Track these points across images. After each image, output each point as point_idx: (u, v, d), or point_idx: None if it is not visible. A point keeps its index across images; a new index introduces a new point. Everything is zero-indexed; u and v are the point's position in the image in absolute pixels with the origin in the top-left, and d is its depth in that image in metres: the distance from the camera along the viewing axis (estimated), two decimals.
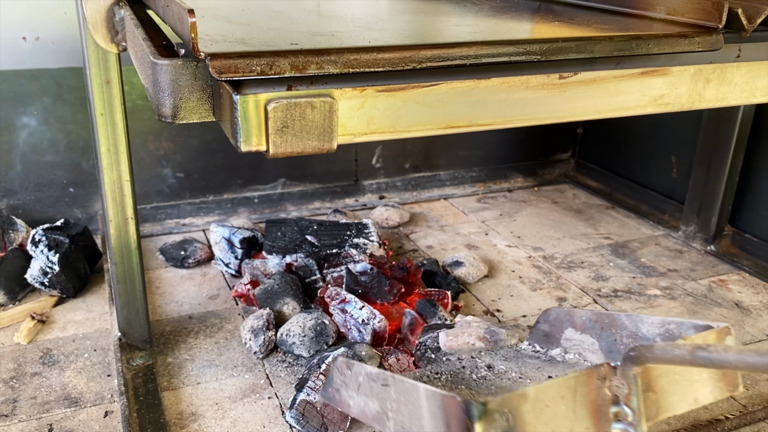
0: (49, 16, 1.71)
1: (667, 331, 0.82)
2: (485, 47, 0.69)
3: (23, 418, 1.13)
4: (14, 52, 1.71)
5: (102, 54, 1.04)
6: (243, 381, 1.23)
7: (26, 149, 1.68)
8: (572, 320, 0.94)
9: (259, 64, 0.63)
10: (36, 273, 1.42)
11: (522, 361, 0.94)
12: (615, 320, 0.88)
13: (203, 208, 1.90)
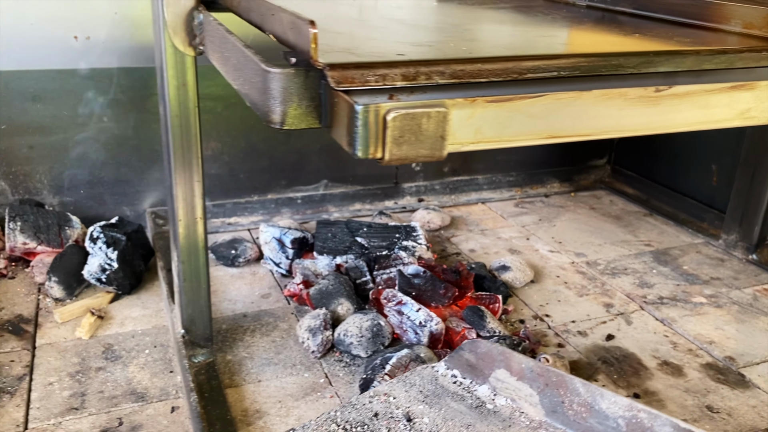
0: (100, 16, 1.74)
1: (635, 418, 0.75)
2: (584, 59, 0.71)
3: (93, 411, 1.15)
4: (66, 51, 1.74)
5: (179, 57, 1.07)
6: (303, 380, 1.26)
7: (78, 148, 1.71)
8: (508, 363, 0.88)
9: (374, 74, 0.65)
10: (94, 269, 1.45)
11: (446, 407, 0.86)
12: (565, 382, 0.82)
13: (248, 207, 1.92)
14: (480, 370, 0.90)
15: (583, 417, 0.78)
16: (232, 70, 0.85)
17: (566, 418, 0.79)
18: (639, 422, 0.73)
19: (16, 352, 1.30)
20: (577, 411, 0.80)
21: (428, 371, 0.93)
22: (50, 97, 1.65)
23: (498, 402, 0.86)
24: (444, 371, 0.93)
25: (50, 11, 1.69)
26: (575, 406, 0.80)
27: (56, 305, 1.45)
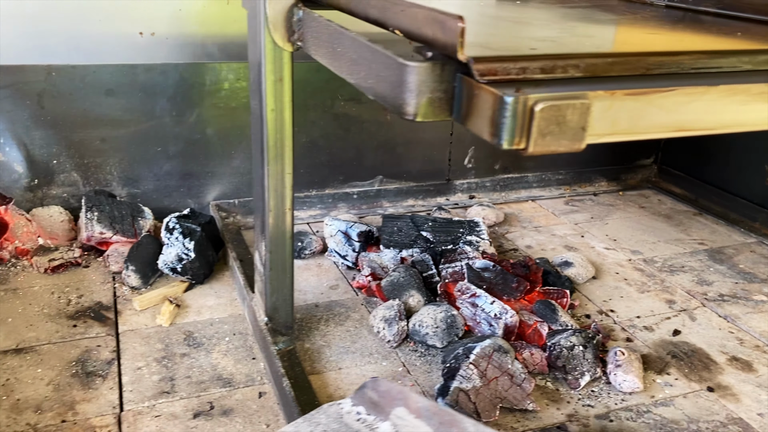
0: (165, 12, 1.78)
1: None
2: (705, 55, 0.73)
3: (183, 395, 1.19)
4: (131, 46, 1.78)
5: (278, 53, 1.10)
6: (382, 368, 1.29)
7: (147, 141, 1.75)
8: (406, 402, 0.89)
9: (514, 67, 0.68)
10: (171, 259, 1.49)
11: None
12: (456, 421, 0.83)
13: (306, 201, 1.95)
14: (382, 407, 0.91)
15: None
16: (348, 64, 0.88)
17: None
18: None
19: (102, 337, 1.34)
20: None
21: (334, 409, 0.94)
22: (122, 91, 1.69)
23: None
24: (349, 408, 0.94)
25: (117, 7, 1.73)
26: None
27: (133, 293, 1.49)
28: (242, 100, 1.80)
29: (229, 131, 1.81)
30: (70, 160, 1.68)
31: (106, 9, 1.69)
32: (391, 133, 1.99)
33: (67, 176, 1.69)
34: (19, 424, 1.10)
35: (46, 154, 1.66)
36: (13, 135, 1.61)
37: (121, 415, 1.13)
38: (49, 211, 1.65)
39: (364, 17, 0.90)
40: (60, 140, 1.66)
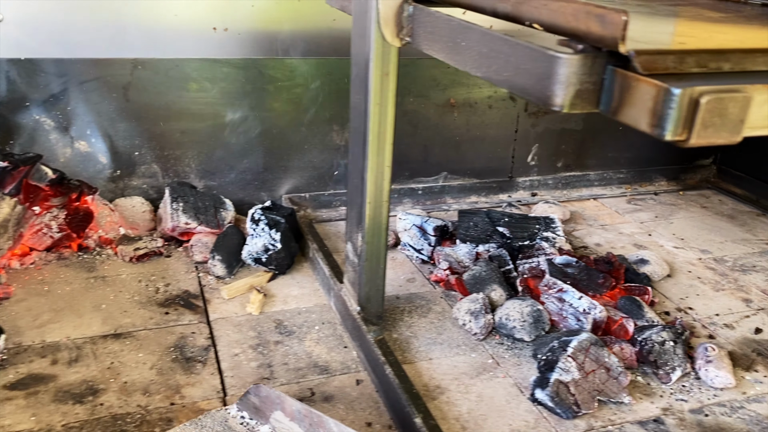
0: (237, 8, 1.82)
1: None
2: None
3: (283, 381, 1.22)
4: (205, 41, 1.81)
5: (386, 48, 1.12)
6: (471, 360, 1.30)
7: (224, 135, 1.78)
8: (283, 405, 1.00)
9: (672, 61, 0.69)
10: (257, 249, 1.52)
11: None
12: (323, 422, 0.94)
13: None
14: (263, 411, 1.02)
15: None
16: (475, 58, 0.90)
17: None
18: None
19: (195, 324, 1.37)
20: None
21: (221, 413, 1.05)
22: (202, 85, 1.72)
23: None
24: (234, 413, 1.05)
25: (192, 2, 1.76)
26: None
27: (218, 282, 1.52)
28: (314, 95, 1.83)
29: (302, 126, 1.84)
30: (151, 152, 1.72)
31: (182, 5, 1.72)
32: (457, 130, 2.01)
33: (147, 168, 1.73)
34: (130, 405, 1.13)
35: (129, 146, 1.70)
36: (99, 127, 1.66)
37: (226, 399, 1.16)
38: (131, 202, 1.69)
39: (491, 12, 0.92)
40: (142, 132, 1.70)
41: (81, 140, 1.65)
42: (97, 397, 1.14)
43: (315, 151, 1.88)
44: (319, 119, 1.86)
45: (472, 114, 2.01)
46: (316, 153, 1.89)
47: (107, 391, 1.16)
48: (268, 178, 1.86)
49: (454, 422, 1.14)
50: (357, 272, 1.30)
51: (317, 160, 1.89)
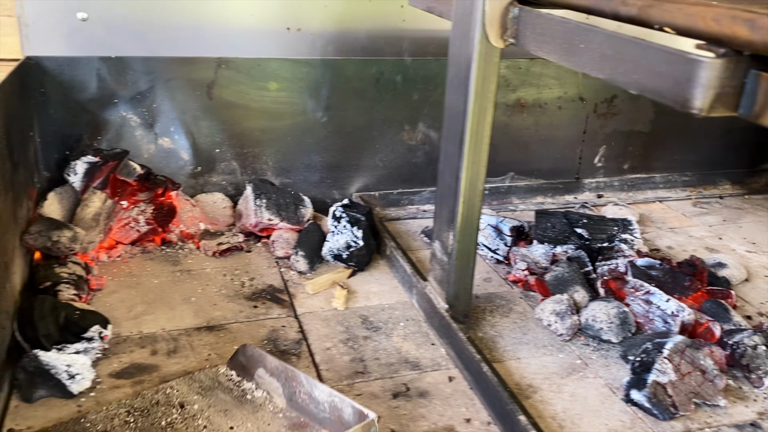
0: (311, 8, 1.85)
1: (332, 403, 1.02)
2: None
3: (377, 376, 1.24)
4: (278, 41, 1.85)
5: (488, 49, 1.14)
6: (559, 360, 1.31)
7: (300, 133, 1.81)
8: (264, 362, 1.11)
9: None
10: (339, 246, 1.55)
11: (215, 397, 1.10)
12: (296, 376, 1.07)
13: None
14: (248, 369, 1.14)
15: (307, 403, 1.06)
16: (596, 60, 0.91)
17: (298, 404, 1.07)
18: (334, 406, 1.02)
19: (284, 318, 1.40)
20: (303, 399, 1.06)
21: (212, 371, 1.17)
22: (282, 85, 1.75)
23: (256, 394, 1.11)
24: (224, 371, 1.17)
25: (267, 3, 1.79)
26: (303, 395, 1.06)
27: (300, 278, 1.55)
28: (385, 95, 1.84)
29: (375, 125, 1.87)
30: (231, 149, 1.76)
31: (257, 5, 1.75)
32: (526, 131, 2.02)
33: (227, 165, 1.77)
34: None
35: (210, 143, 1.74)
36: (182, 124, 1.70)
37: None
38: (212, 198, 1.73)
39: (612, 15, 0.93)
40: (224, 130, 1.74)
41: (165, 137, 1.69)
42: None
43: (386, 150, 1.90)
44: (390, 119, 1.88)
45: (541, 114, 2.01)
46: (386, 152, 1.91)
47: None
48: (340, 177, 1.89)
49: (551, 421, 1.15)
50: (446, 271, 1.32)
51: (387, 159, 1.92)
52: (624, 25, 0.95)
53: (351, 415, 0.98)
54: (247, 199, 1.67)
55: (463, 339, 1.24)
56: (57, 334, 1.17)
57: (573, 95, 2.02)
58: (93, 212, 1.50)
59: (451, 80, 1.23)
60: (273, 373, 1.10)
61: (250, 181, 1.70)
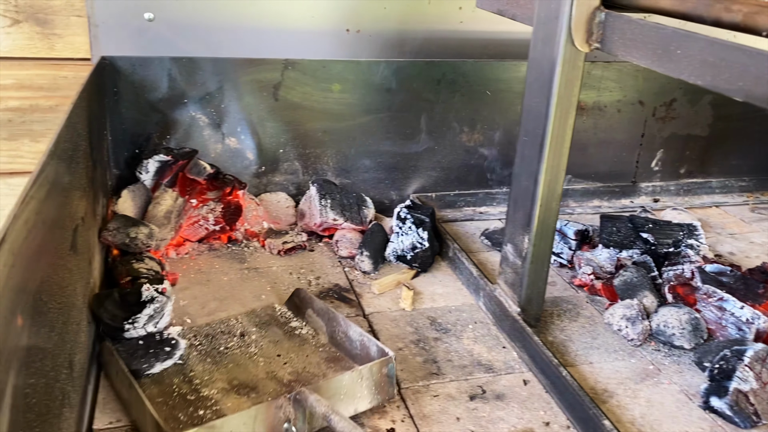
0: (370, 10, 1.86)
1: (362, 342, 1.19)
2: None
3: (452, 378, 1.25)
4: (338, 42, 1.86)
5: (573, 53, 1.14)
6: (632, 365, 1.31)
7: (361, 134, 1.82)
8: (313, 304, 1.32)
9: None
10: (404, 247, 1.56)
11: (269, 330, 1.30)
12: (336, 317, 1.25)
13: (497, 198, 1.99)
14: (300, 309, 1.35)
15: (343, 340, 1.24)
16: (695, 66, 0.91)
17: (336, 341, 1.25)
18: (363, 344, 1.19)
19: (353, 317, 1.41)
20: (341, 336, 1.24)
21: (271, 309, 1.38)
22: (345, 86, 1.77)
23: (303, 330, 1.31)
24: (280, 309, 1.38)
25: (328, 5, 1.81)
26: (340, 334, 1.24)
27: (364, 278, 1.57)
28: (444, 96, 1.85)
29: (434, 126, 1.87)
30: (294, 150, 1.78)
31: (318, 7, 1.77)
32: (585, 134, 2.01)
33: (290, 165, 1.79)
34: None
35: (275, 144, 1.76)
36: (248, 124, 1.72)
37: (402, 392, 1.19)
38: (276, 197, 1.75)
39: (713, 22, 0.93)
40: (288, 131, 1.76)
41: (231, 137, 1.72)
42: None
43: (444, 151, 1.91)
44: (449, 120, 1.88)
45: (600, 117, 2.00)
46: (444, 153, 1.91)
47: None
48: (398, 178, 1.90)
49: (630, 426, 1.14)
50: (519, 274, 1.32)
51: (445, 160, 1.92)
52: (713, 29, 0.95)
53: (376, 352, 1.15)
54: (311, 199, 1.68)
55: (538, 343, 1.25)
56: (120, 312, 1.21)
57: (632, 98, 2.01)
58: (165, 210, 1.53)
59: (531, 83, 1.23)
60: (319, 314, 1.30)
61: (313, 181, 1.72)
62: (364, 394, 1.08)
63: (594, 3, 1.10)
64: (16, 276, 0.72)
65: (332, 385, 1.04)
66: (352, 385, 1.06)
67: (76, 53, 1.74)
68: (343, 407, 1.05)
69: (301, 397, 1.00)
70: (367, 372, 1.08)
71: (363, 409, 1.09)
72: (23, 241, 0.76)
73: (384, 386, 1.10)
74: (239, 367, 1.19)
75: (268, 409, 0.97)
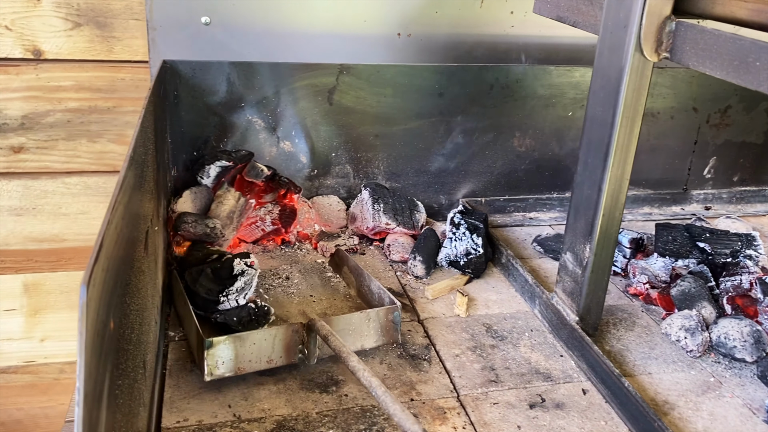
0: (422, 14, 1.87)
1: (380, 294, 1.35)
2: None
3: (510, 385, 1.25)
4: (390, 47, 1.88)
5: (641, 63, 1.13)
6: (692, 377, 1.30)
7: (413, 138, 1.83)
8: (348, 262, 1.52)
9: None
10: (457, 253, 1.56)
11: (310, 277, 1.53)
12: (363, 273, 1.43)
13: (547, 204, 1.99)
14: (339, 265, 1.55)
15: (366, 293, 1.42)
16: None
17: (362, 293, 1.44)
18: (380, 294, 1.36)
19: (407, 322, 1.42)
20: (365, 290, 1.42)
21: (316, 262, 1.60)
22: (398, 90, 1.78)
23: (335, 281, 1.53)
24: (322, 263, 1.60)
25: (380, 9, 1.83)
26: (365, 287, 1.42)
27: (417, 282, 1.57)
28: (499, 101, 1.85)
29: (485, 131, 1.87)
30: (346, 153, 1.80)
31: (370, 12, 1.79)
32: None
33: (341, 168, 1.81)
34: (372, 398, 1.18)
35: (327, 147, 1.78)
36: (302, 128, 1.74)
37: (461, 399, 1.20)
38: (328, 200, 1.77)
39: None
40: (340, 135, 1.77)
41: (286, 140, 1.74)
42: (339, 387, 1.21)
43: (494, 156, 1.91)
44: (501, 125, 1.88)
45: (653, 124, 1.98)
46: (495, 158, 1.91)
47: (347, 382, 1.22)
48: (448, 182, 1.90)
49: None
50: (578, 283, 1.32)
51: (496, 165, 1.92)
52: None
53: (388, 302, 1.31)
54: (363, 203, 1.70)
55: (598, 352, 1.24)
56: (215, 286, 1.28)
57: (686, 105, 1.99)
58: (228, 209, 1.56)
59: (596, 91, 1.22)
60: (352, 271, 1.49)
61: (366, 185, 1.73)
62: (371, 333, 1.24)
63: (665, 12, 1.09)
64: (110, 280, 0.74)
65: (342, 321, 1.21)
66: (360, 323, 1.22)
67: (134, 56, 1.78)
68: (350, 341, 1.21)
69: (313, 324, 1.17)
70: (374, 315, 1.24)
71: (369, 346, 1.25)
72: (113, 246, 0.78)
73: (389, 330, 1.26)
74: (277, 302, 1.42)
75: (286, 330, 1.17)
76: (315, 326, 1.17)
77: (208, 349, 1.11)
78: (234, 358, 1.13)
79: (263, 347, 1.15)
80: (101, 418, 0.66)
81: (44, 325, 1.96)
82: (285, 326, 1.17)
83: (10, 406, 2.04)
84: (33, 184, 1.81)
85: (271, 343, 1.16)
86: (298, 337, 1.18)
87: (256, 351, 1.14)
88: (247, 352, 1.14)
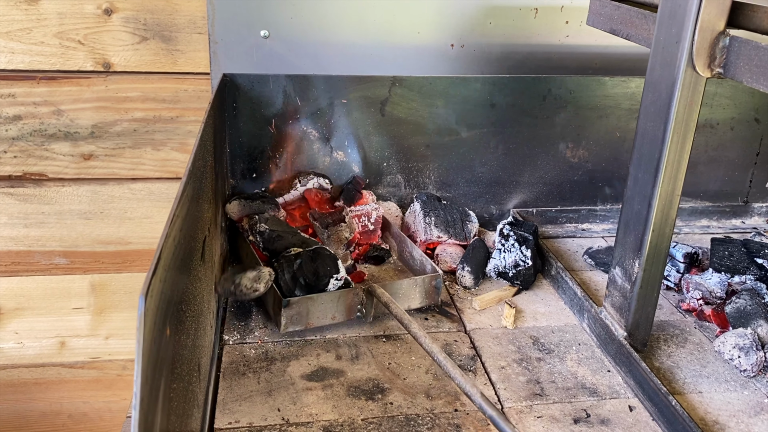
0: (475, 25, 1.88)
1: (422, 260, 1.55)
2: None
3: (555, 399, 1.25)
4: (442, 58, 1.89)
5: (693, 78, 1.12)
6: (744, 397, 1.27)
7: (464, 149, 1.84)
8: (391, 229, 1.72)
9: None
10: (506, 264, 1.57)
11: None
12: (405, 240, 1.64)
13: (600, 215, 1.96)
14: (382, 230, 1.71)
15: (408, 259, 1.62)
16: None
17: (404, 259, 1.64)
18: (422, 261, 1.55)
19: (454, 332, 1.44)
20: (407, 255, 1.62)
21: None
22: (450, 102, 1.79)
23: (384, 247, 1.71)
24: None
25: (433, 20, 1.85)
26: (407, 253, 1.62)
27: (465, 293, 1.59)
28: (552, 112, 1.84)
29: (538, 142, 1.87)
30: (398, 163, 1.82)
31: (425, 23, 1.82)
32: (695, 151, 1.93)
33: (392, 178, 1.84)
34: (417, 406, 1.21)
35: (379, 157, 1.81)
36: (355, 139, 1.78)
37: (506, 411, 1.21)
38: (387, 206, 1.80)
39: None
40: (392, 145, 1.80)
41: (339, 150, 1.78)
42: (385, 395, 1.23)
43: (546, 167, 1.90)
44: (554, 136, 1.87)
45: (711, 135, 1.94)
46: (547, 169, 1.90)
47: (393, 390, 1.25)
48: (499, 192, 1.91)
49: None
50: (627, 298, 1.31)
51: (548, 176, 1.91)
52: None
53: (430, 270, 1.50)
54: (415, 214, 1.72)
55: (646, 369, 1.23)
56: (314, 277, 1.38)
57: (747, 116, 1.93)
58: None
59: (647, 106, 1.21)
60: (394, 237, 1.69)
61: (417, 197, 1.76)
62: (416, 296, 1.45)
63: (718, 27, 1.07)
64: (167, 290, 0.79)
65: (394, 286, 1.41)
66: (408, 288, 1.43)
67: (196, 68, 1.86)
68: (400, 302, 1.39)
69: (371, 288, 1.36)
70: (420, 281, 1.45)
71: (414, 306, 1.46)
72: (171, 258, 0.83)
73: (431, 294, 1.46)
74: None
75: (348, 294, 1.37)
76: (375, 293, 1.34)
77: (285, 307, 1.30)
78: (306, 314, 1.33)
79: (329, 307, 1.35)
80: (156, 420, 0.70)
81: (109, 324, 2.07)
82: (347, 290, 1.36)
83: (76, 399, 2.15)
84: (101, 190, 1.92)
85: (335, 304, 1.36)
86: (357, 299, 1.38)
87: (323, 310, 1.35)
88: (317, 310, 1.34)
